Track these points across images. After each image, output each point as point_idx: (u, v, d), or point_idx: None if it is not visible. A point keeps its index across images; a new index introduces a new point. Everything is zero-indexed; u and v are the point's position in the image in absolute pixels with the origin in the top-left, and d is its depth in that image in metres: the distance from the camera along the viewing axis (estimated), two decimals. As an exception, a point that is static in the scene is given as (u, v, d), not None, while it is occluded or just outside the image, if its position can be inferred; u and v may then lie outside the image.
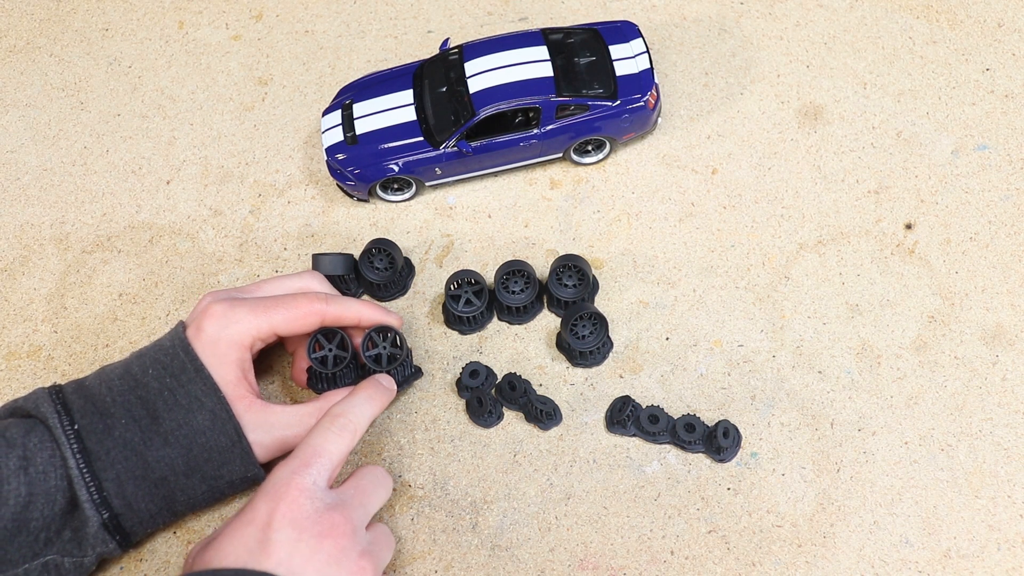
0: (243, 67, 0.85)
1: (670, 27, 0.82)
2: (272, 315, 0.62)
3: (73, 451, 0.57)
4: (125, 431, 0.58)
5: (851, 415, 0.65)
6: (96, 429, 0.58)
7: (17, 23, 0.90)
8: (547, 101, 0.70)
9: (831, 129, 0.76)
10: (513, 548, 0.62)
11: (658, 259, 0.72)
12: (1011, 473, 0.62)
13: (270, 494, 0.53)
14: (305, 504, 0.53)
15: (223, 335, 0.60)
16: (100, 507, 0.57)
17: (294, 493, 0.53)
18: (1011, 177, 0.73)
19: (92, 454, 0.57)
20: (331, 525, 0.53)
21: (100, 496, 0.57)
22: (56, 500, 0.56)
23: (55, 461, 0.56)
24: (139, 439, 0.58)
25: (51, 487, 0.56)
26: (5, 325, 0.74)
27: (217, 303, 0.62)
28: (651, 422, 0.64)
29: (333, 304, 0.63)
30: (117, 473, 0.57)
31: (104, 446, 0.57)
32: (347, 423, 0.57)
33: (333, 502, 0.54)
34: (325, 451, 0.56)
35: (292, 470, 0.54)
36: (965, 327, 0.67)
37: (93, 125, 0.83)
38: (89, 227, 0.78)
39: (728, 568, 0.61)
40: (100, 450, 0.57)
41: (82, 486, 0.56)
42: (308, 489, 0.54)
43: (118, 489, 0.57)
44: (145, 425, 0.58)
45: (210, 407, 0.59)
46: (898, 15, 0.81)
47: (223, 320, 0.61)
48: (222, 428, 0.59)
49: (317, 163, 0.79)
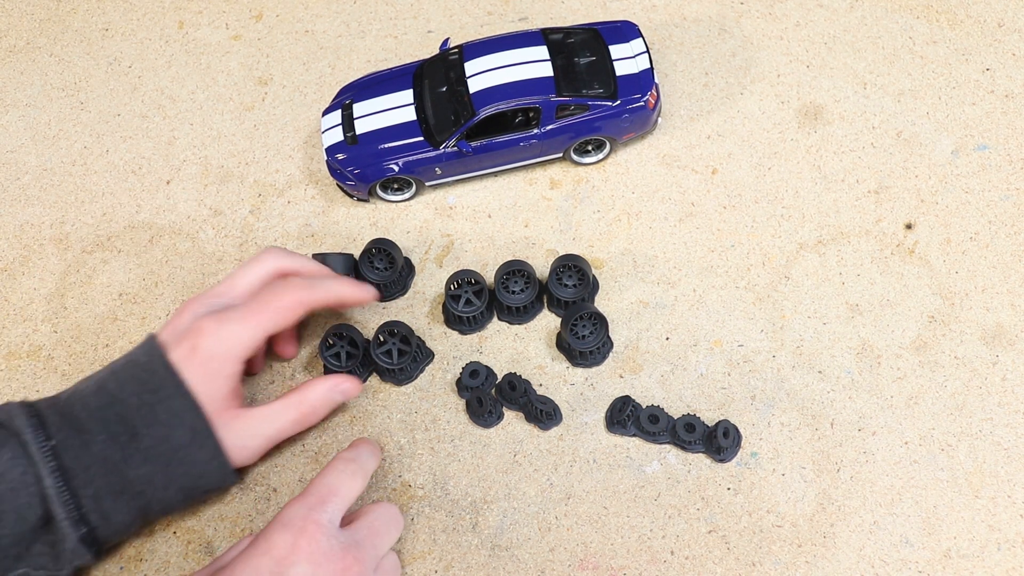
0: (243, 67, 0.85)
1: (670, 27, 0.82)
2: (262, 320, 0.61)
3: (50, 469, 0.56)
4: (104, 448, 0.57)
5: (851, 415, 0.65)
6: (73, 445, 0.57)
7: (17, 23, 0.90)
8: (547, 101, 0.70)
9: (831, 129, 0.76)
10: (513, 548, 0.62)
11: (658, 259, 0.72)
12: (1011, 473, 0.62)
13: (288, 527, 0.54)
14: (322, 541, 0.53)
15: (218, 351, 0.60)
16: (78, 523, 0.57)
17: (312, 528, 0.54)
18: (1011, 177, 0.73)
19: (70, 472, 0.56)
20: (346, 565, 0.54)
21: (78, 513, 0.56)
22: (27, 518, 0.55)
23: (27, 479, 0.55)
24: (119, 456, 0.57)
25: (22, 504, 0.55)
26: (5, 325, 0.74)
27: (207, 319, 0.61)
28: (651, 422, 0.64)
29: (314, 290, 0.63)
30: (96, 490, 0.57)
31: (82, 463, 0.57)
32: (358, 469, 0.59)
33: (348, 542, 0.55)
34: (340, 491, 0.57)
35: (310, 507, 0.55)
36: (965, 327, 0.67)
37: (93, 125, 0.83)
38: (89, 227, 0.78)
39: (728, 568, 0.61)
40: (78, 467, 0.56)
41: (59, 504, 0.56)
42: (325, 526, 0.54)
43: (96, 505, 0.57)
44: (124, 442, 0.58)
45: (190, 423, 0.58)
46: (898, 15, 0.81)
47: (216, 337, 0.60)
48: (201, 443, 0.59)
49: (317, 163, 0.79)
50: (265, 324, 0.61)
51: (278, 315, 0.62)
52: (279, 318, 0.62)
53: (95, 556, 0.59)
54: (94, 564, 0.61)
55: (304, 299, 0.62)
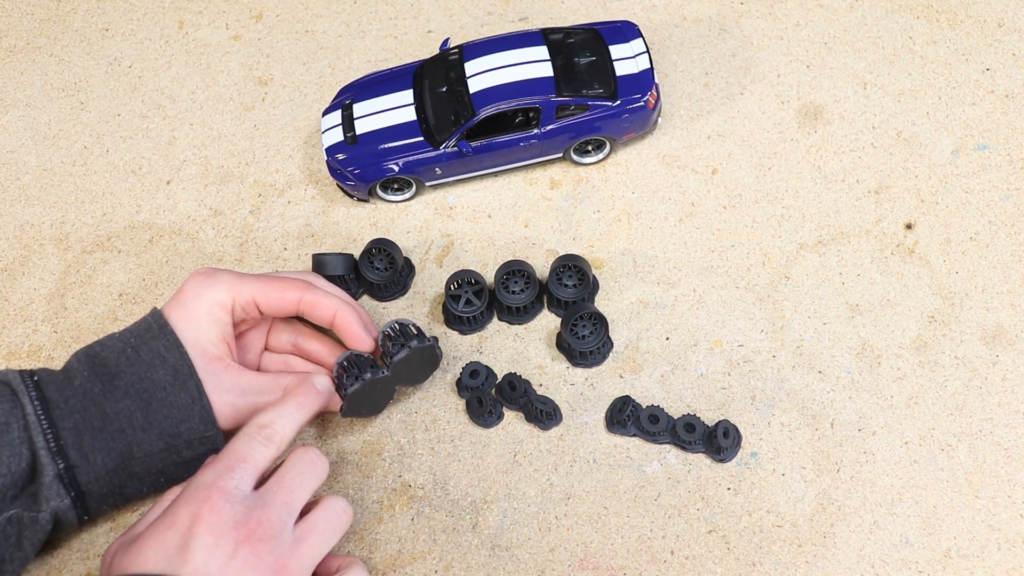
0: (243, 67, 0.85)
1: (670, 27, 0.82)
2: (253, 283, 0.62)
3: (32, 399, 0.57)
4: (85, 382, 0.59)
5: (851, 415, 0.65)
6: (55, 379, 0.59)
7: (17, 23, 0.90)
8: (547, 101, 0.70)
9: (831, 129, 0.76)
10: (513, 548, 0.62)
11: (658, 259, 0.72)
12: (1011, 473, 0.62)
13: (192, 498, 0.53)
14: (225, 509, 0.52)
15: (203, 296, 0.61)
16: (56, 455, 0.57)
17: (215, 496, 0.53)
18: (1011, 177, 0.73)
19: (51, 402, 0.58)
20: (249, 530, 0.52)
21: (57, 444, 0.57)
22: (22, 454, 0.57)
23: (16, 412, 0.57)
24: (99, 390, 0.59)
25: (14, 438, 0.57)
26: (5, 325, 0.74)
27: (199, 271, 0.63)
28: (651, 422, 0.64)
29: (315, 293, 0.63)
30: (75, 423, 0.58)
31: (63, 394, 0.58)
32: (273, 433, 0.57)
33: (253, 504, 0.54)
34: (250, 458, 0.56)
35: (216, 474, 0.54)
36: (965, 327, 0.67)
37: (93, 125, 0.83)
38: (89, 227, 0.78)
39: (728, 568, 0.61)
40: (59, 398, 0.58)
41: (39, 433, 0.57)
42: (230, 493, 0.53)
43: (75, 439, 0.58)
44: (106, 379, 0.59)
45: (172, 363, 0.59)
46: (898, 15, 0.81)
47: (203, 284, 0.62)
48: (183, 385, 0.59)
49: (317, 163, 0.79)
50: (253, 286, 0.62)
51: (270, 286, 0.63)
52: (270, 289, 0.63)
53: (74, 504, 0.59)
54: (77, 526, 0.61)
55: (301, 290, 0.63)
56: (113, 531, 0.65)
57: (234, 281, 0.62)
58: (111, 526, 0.65)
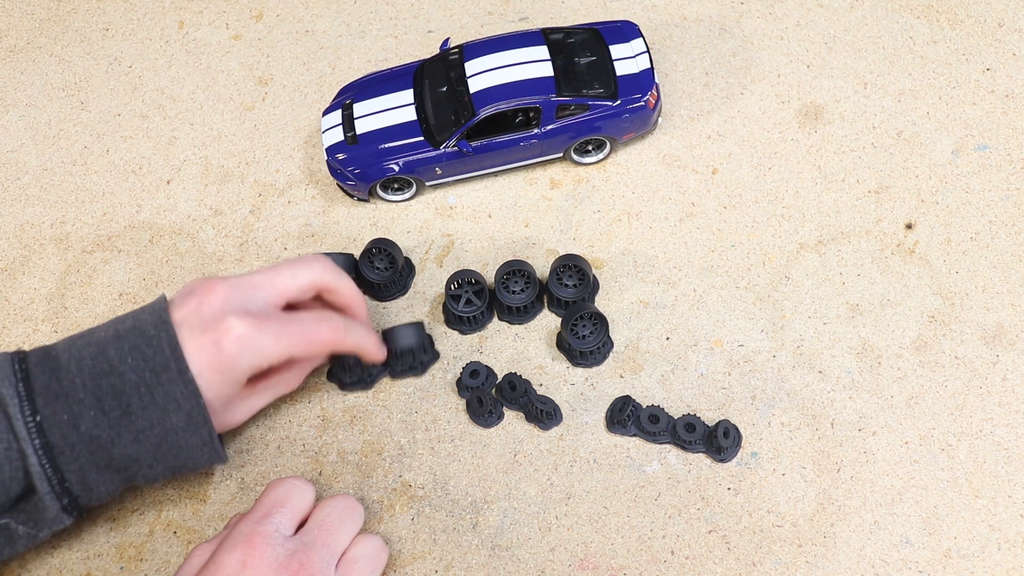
0: (243, 67, 0.85)
1: (670, 27, 0.82)
2: (294, 344, 0.60)
3: (35, 447, 0.55)
4: (92, 426, 0.56)
5: (851, 415, 0.65)
6: (60, 422, 0.56)
7: (17, 23, 0.90)
8: (547, 101, 0.70)
9: (831, 129, 0.76)
10: (513, 548, 0.62)
11: (658, 259, 0.72)
12: (1011, 473, 0.62)
13: (235, 546, 0.54)
14: (268, 553, 0.54)
15: (241, 360, 0.58)
16: (61, 496, 0.57)
17: (257, 541, 0.54)
18: (1011, 177, 0.73)
19: (55, 448, 0.56)
20: (291, 572, 0.54)
21: (62, 487, 0.57)
22: (10, 488, 0.56)
23: (11, 455, 0.55)
24: (107, 435, 0.56)
25: (5, 476, 0.55)
26: (5, 325, 0.74)
27: (242, 319, 0.58)
28: (651, 422, 0.64)
29: (347, 336, 0.62)
30: (80, 466, 0.57)
31: (69, 441, 0.56)
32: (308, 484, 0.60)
33: (295, 547, 0.55)
34: (288, 501, 0.57)
35: (256, 520, 0.56)
36: (965, 327, 0.67)
37: (93, 125, 0.83)
38: (89, 227, 0.78)
39: (728, 568, 0.61)
40: (64, 445, 0.56)
41: (43, 479, 0.56)
42: (271, 537, 0.55)
43: (80, 479, 0.57)
44: (115, 419, 0.56)
45: (187, 410, 0.57)
46: (898, 15, 0.81)
47: (248, 347, 0.58)
48: (196, 430, 0.58)
49: (317, 163, 0.79)
50: (294, 348, 0.60)
51: (310, 347, 0.60)
52: (308, 350, 0.61)
53: (75, 520, 0.60)
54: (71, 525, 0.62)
55: (337, 341, 0.61)
56: (113, 531, 0.65)
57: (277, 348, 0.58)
58: (111, 526, 0.65)
